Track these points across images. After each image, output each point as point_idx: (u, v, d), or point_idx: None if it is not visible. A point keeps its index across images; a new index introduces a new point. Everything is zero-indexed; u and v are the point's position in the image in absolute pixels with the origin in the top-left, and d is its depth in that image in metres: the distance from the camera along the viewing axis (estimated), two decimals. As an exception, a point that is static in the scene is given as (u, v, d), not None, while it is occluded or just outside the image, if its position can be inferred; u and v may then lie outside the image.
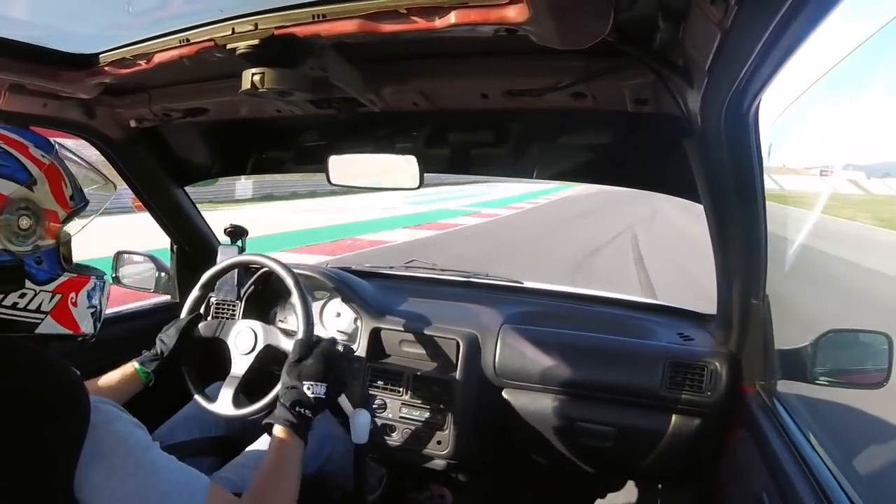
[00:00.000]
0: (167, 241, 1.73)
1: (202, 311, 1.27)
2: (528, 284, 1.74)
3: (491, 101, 1.07)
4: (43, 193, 0.73)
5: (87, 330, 0.79)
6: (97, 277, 0.81)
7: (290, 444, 0.91)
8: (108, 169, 1.15)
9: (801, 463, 0.87)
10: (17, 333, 0.70)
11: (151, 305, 1.74)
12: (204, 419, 1.23)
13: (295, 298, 1.15)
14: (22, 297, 0.70)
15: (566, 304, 1.64)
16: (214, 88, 1.17)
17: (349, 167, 1.35)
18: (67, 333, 0.76)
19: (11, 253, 0.69)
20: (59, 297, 0.74)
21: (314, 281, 1.50)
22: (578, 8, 0.66)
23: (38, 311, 0.72)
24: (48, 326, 0.73)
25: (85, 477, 0.65)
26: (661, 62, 0.79)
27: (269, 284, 1.55)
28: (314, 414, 0.97)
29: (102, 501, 0.66)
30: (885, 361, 1.05)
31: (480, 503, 1.60)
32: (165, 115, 1.29)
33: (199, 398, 1.18)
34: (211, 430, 1.25)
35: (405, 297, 1.57)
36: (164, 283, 1.72)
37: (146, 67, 0.96)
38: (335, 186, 1.42)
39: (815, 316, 3.63)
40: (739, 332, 1.19)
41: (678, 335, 1.38)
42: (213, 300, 1.54)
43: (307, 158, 1.55)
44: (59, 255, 0.76)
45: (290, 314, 1.57)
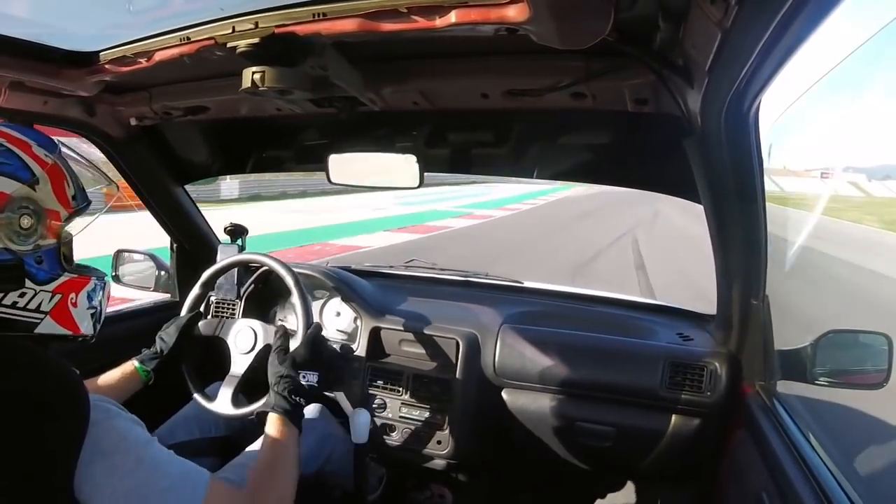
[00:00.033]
0: (164, 239, 1.72)
1: (202, 309, 1.27)
2: (527, 284, 1.74)
3: (491, 100, 1.07)
4: (45, 193, 0.72)
5: (86, 331, 0.79)
6: (98, 278, 0.81)
7: (286, 432, 0.92)
8: (107, 167, 1.15)
9: (800, 463, 0.87)
10: (16, 333, 0.70)
11: (151, 304, 1.74)
12: (204, 419, 1.23)
13: (295, 298, 1.15)
14: (22, 296, 0.70)
15: (566, 303, 1.64)
16: (215, 87, 1.17)
17: (349, 166, 1.35)
18: (66, 334, 0.76)
19: (12, 252, 0.69)
20: (58, 297, 0.74)
21: (314, 280, 1.50)
22: (579, 8, 0.66)
23: (37, 310, 0.72)
24: (47, 326, 0.73)
25: (85, 476, 0.65)
26: (661, 62, 0.79)
27: (268, 283, 1.55)
28: (308, 402, 1.01)
29: (104, 499, 0.66)
30: (884, 362, 1.05)
31: (480, 503, 1.60)
32: (166, 113, 1.29)
33: (198, 397, 1.18)
34: (211, 430, 1.25)
35: (405, 296, 1.57)
36: (163, 281, 1.73)
37: (146, 65, 0.96)
38: (327, 186, 1.42)
39: (815, 316, 3.63)
40: (739, 332, 1.19)
41: (678, 335, 1.38)
42: (212, 299, 1.54)
43: (307, 157, 1.55)
44: (59, 254, 0.75)
45: (289, 313, 1.57)
